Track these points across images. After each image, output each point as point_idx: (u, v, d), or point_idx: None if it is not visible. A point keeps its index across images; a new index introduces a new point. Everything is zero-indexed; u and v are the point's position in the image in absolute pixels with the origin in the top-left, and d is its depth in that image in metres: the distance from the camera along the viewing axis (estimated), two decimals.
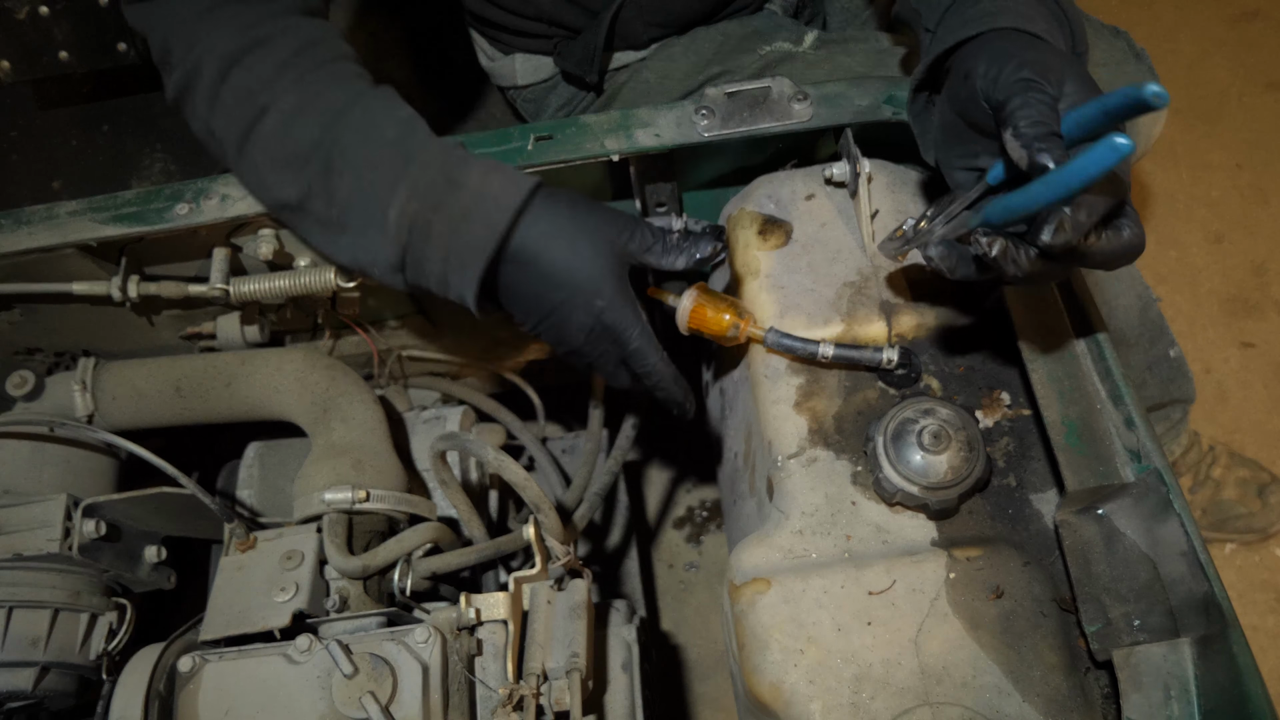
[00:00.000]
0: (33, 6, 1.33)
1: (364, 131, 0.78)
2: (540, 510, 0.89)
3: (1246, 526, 1.60)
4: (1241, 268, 1.92)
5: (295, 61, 0.80)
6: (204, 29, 0.80)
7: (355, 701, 0.75)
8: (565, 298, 0.77)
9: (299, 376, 1.01)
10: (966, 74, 0.70)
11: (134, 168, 1.66)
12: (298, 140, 0.78)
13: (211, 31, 0.80)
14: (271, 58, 0.80)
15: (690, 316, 0.86)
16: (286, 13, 0.82)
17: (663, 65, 1.22)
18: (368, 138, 0.78)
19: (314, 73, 0.80)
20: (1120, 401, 0.75)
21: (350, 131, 0.78)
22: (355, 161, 0.77)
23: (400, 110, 0.81)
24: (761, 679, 0.74)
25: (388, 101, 0.81)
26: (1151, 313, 1.21)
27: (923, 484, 0.77)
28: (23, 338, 1.12)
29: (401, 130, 0.79)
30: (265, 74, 0.79)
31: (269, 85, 0.79)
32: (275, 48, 0.80)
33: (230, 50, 0.79)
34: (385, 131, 0.78)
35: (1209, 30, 2.24)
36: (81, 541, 0.95)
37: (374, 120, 0.79)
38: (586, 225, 0.77)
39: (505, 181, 0.76)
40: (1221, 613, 0.64)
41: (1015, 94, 0.64)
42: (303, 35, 0.81)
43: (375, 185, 0.76)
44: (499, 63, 1.35)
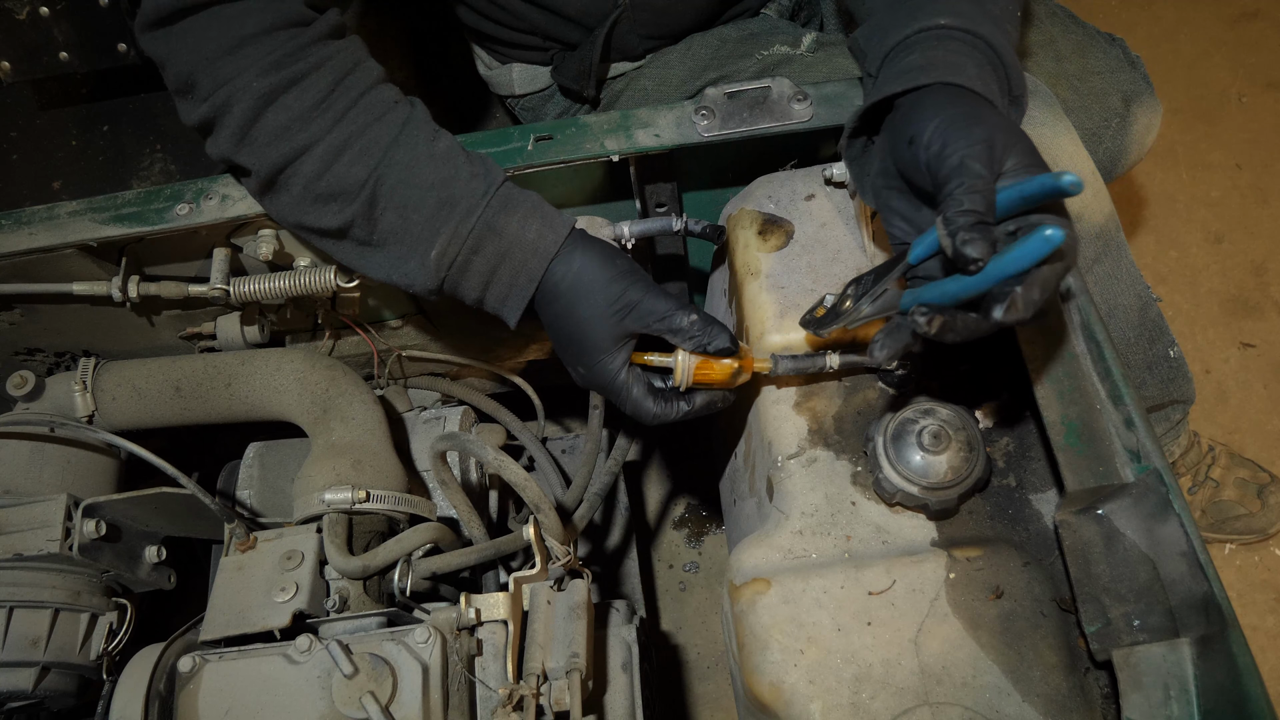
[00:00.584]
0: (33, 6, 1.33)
1: (406, 172, 0.81)
2: (540, 510, 0.89)
3: (1246, 527, 1.60)
4: (1241, 268, 1.92)
5: (330, 100, 0.80)
6: (233, 66, 0.79)
7: (355, 701, 0.75)
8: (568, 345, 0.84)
9: (299, 376, 1.01)
10: (911, 139, 0.71)
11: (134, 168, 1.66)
12: (341, 179, 0.81)
13: (242, 70, 0.79)
14: (307, 96, 0.80)
15: (694, 374, 0.81)
16: (315, 42, 0.81)
17: (660, 72, 1.22)
18: (409, 179, 0.81)
19: (351, 109, 0.81)
20: (1120, 402, 0.75)
21: (393, 171, 0.80)
22: (398, 202, 0.81)
23: (438, 143, 0.82)
24: (761, 679, 0.74)
25: (425, 134, 0.82)
26: (1151, 313, 1.20)
27: (923, 484, 0.77)
28: (23, 338, 1.12)
29: (441, 172, 0.81)
30: (301, 112, 0.80)
31: (306, 124, 0.80)
32: (309, 86, 0.80)
33: (264, 90, 0.79)
34: (426, 174, 0.81)
35: (1209, 30, 2.24)
36: (81, 541, 0.95)
37: (415, 160, 0.81)
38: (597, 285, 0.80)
39: (542, 228, 0.81)
40: (1221, 613, 0.64)
41: (953, 177, 0.65)
42: (335, 68, 0.81)
43: (418, 226, 0.81)
44: (496, 71, 1.36)
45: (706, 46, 1.19)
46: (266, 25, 0.78)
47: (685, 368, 0.80)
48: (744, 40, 1.18)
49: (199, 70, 0.80)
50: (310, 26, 0.81)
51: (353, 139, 0.80)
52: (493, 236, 0.81)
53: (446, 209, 0.80)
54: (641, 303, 0.79)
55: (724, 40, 1.19)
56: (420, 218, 0.81)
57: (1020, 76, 0.77)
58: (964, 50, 0.75)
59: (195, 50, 0.79)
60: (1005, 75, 0.77)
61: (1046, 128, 1.03)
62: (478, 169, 0.83)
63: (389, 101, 0.83)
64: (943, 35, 0.76)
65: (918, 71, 0.73)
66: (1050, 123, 1.03)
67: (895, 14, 0.81)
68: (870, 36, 0.84)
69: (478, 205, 0.81)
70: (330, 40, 0.82)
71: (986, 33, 0.76)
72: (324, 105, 0.80)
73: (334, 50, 0.82)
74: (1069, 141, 1.04)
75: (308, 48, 0.80)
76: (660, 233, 0.98)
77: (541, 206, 0.83)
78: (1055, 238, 0.58)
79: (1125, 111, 1.15)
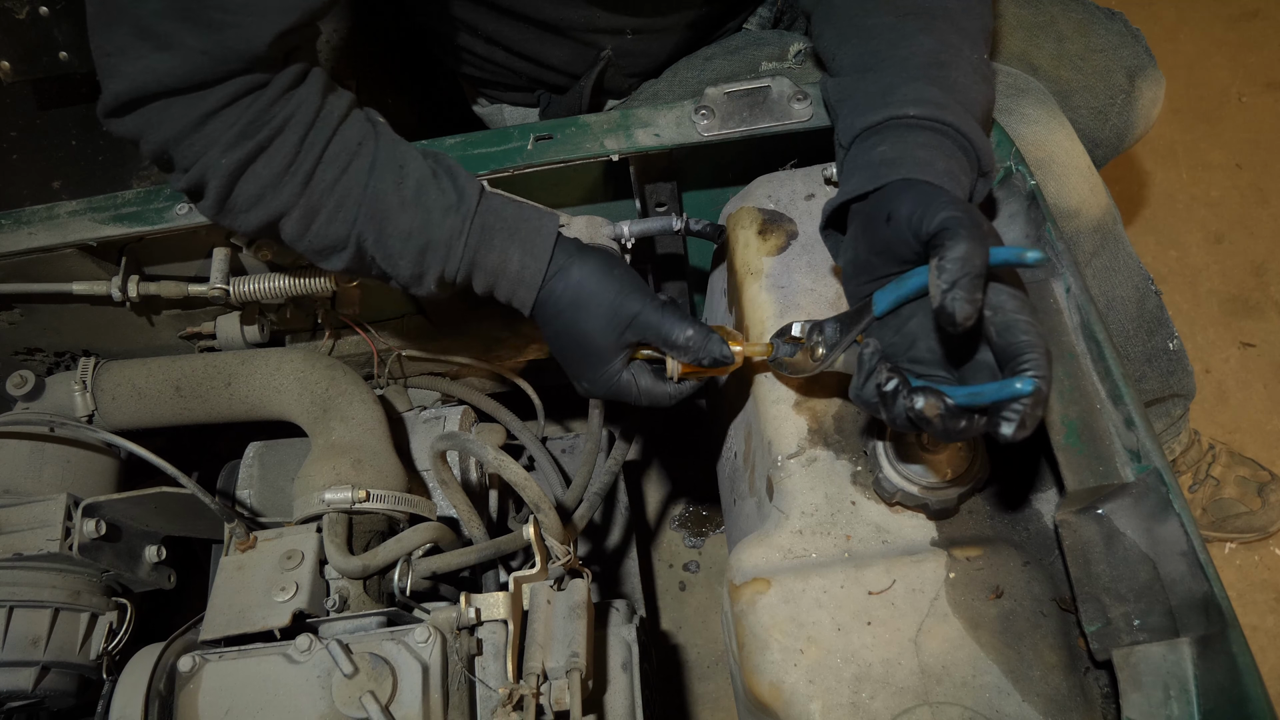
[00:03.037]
0: (33, 6, 1.33)
1: (381, 225, 0.81)
2: (540, 510, 0.89)
3: (1246, 525, 1.59)
4: (1241, 268, 1.92)
5: (297, 162, 0.79)
6: (201, 143, 0.78)
7: (355, 701, 0.75)
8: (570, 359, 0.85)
9: (299, 376, 1.01)
10: (888, 216, 0.72)
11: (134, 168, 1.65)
12: (324, 237, 0.82)
13: (209, 145, 0.78)
14: (275, 161, 0.79)
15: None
16: (276, 100, 0.78)
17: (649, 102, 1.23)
18: (386, 231, 0.81)
19: (318, 167, 0.80)
20: (1120, 401, 0.75)
21: (369, 226, 0.82)
22: (383, 252, 0.83)
23: (405, 185, 0.82)
24: (761, 679, 0.74)
25: (391, 177, 0.82)
26: (1149, 304, 1.20)
27: (923, 484, 0.77)
28: (23, 338, 1.12)
29: (415, 219, 0.81)
30: (271, 179, 0.79)
31: (278, 191, 0.80)
32: (275, 151, 0.79)
33: (232, 165, 0.78)
34: (400, 222, 0.81)
35: (1209, 30, 2.24)
36: (81, 541, 0.95)
37: (387, 210, 0.81)
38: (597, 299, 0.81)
39: (524, 257, 0.82)
40: (1221, 613, 0.64)
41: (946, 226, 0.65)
42: (298, 124, 0.79)
43: (407, 270, 0.83)
44: (488, 109, 1.38)
45: (692, 70, 1.19)
46: (226, 98, 0.76)
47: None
48: (730, 57, 1.18)
49: (169, 148, 0.79)
50: (270, 85, 0.78)
51: (324, 199, 0.81)
52: (479, 271, 0.83)
53: (428, 254, 0.82)
54: (640, 315, 0.80)
55: (709, 60, 1.19)
56: (407, 263, 0.82)
57: (990, 154, 0.78)
58: (933, 143, 0.76)
59: (162, 131, 0.78)
60: (976, 157, 0.78)
61: (1041, 125, 1.03)
62: (450, 200, 0.82)
63: (352, 147, 0.81)
64: (912, 125, 0.77)
65: (887, 167, 0.75)
66: (1045, 120, 1.03)
67: (866, 85, 0.82)
68: (842, 102, 0.85)
69: (457, 246, 0.82)
70: (292, 92, 0.79)
71: (954, 119, 0.77)
72: (292, 169, 0.79)
73: (296, 104, 0.79)
74: (1064, 138, 1.04)
75: (269, 109, 0.78)
76: (660, 232, 0.98)
77: (519, 229, 0.83)
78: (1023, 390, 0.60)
79: (1130, 87, 1.15)
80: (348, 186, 0.81)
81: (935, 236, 0.66)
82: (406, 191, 0.81)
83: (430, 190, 0.82)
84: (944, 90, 0.78)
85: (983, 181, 0.79)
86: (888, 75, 0.81)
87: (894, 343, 0.73)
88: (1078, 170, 1.04)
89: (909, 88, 0.78)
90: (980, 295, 0.62)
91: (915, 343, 0.72)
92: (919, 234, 0.68)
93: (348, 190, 0.81)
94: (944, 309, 0.62)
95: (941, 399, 0.63)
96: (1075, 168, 1.03)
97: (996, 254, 0.64)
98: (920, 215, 0.68)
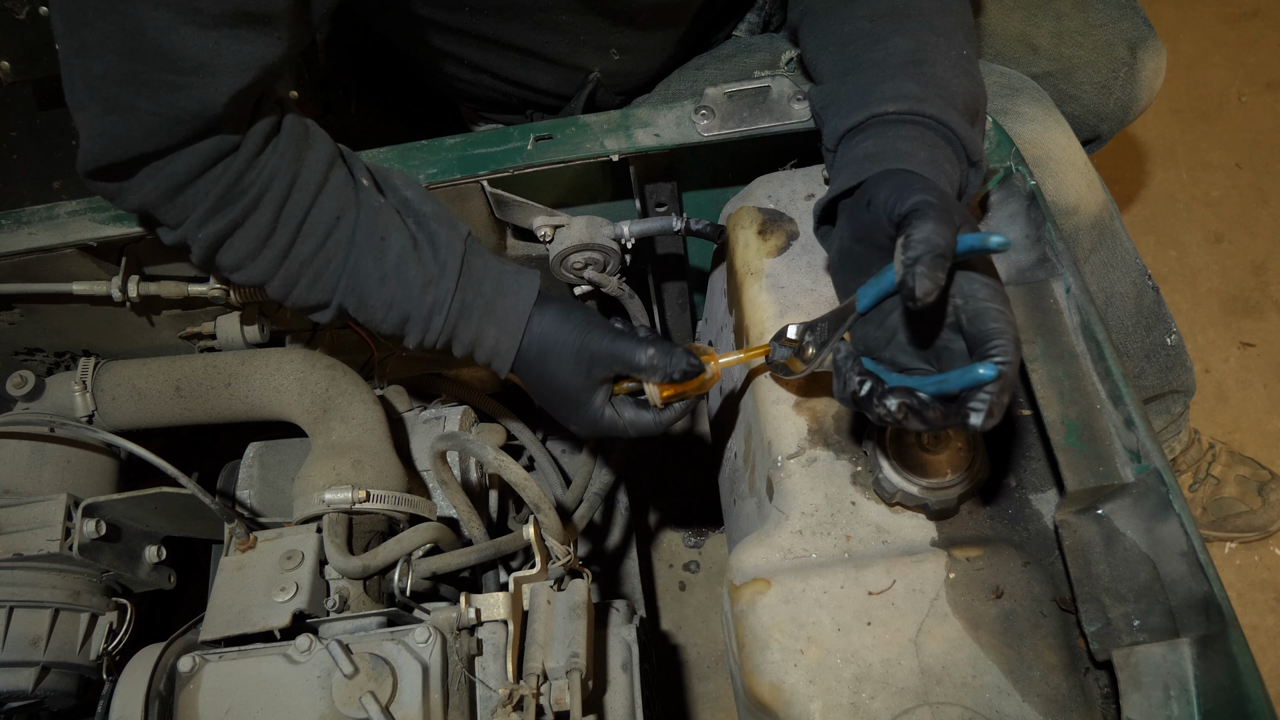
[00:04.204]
0: (33, 6, 1.33)
1: (361, 297, 0.83)
2: (540, 510, 0.89)
3: (1247, 524, 1.59)
4: (1241, 268, 1.92)
5: (274, 236, 0.79)
6: (177, 213, 0.78)
7: (355, 701, 0.75)
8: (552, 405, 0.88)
9: (299, 376, 1.01)
10: (869, 202, 0.73)
11: None
12: (306, 299, 0.84)
13: (185, 216, 0.78)
14: (250, 236, 0.79)
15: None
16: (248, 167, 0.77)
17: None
18: (366, 302, 0.83)
19: (296, 240, 0.80)
20: (1120, 401, 0.75)
21: (349, 298, 0.84)
22: (364, 318, 0.85)
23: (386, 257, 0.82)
24: (761, 679, 0.74)
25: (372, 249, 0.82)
26: (1147, 299, 1.20)
27: (923, 484, 0.77)
28: (23, 338, 1.12)
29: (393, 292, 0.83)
30: (249, 252, 0.80)
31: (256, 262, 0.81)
32: (250, 227, 0.78)
33: (209, 240, 0.79)
34: (379, 295, 0.83)
35: (1209, 30, 2.24)
36: (81, 541, 0.95)
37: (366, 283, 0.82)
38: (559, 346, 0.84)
39: (499, 334, 0.85)
40: (1221, 613, 0.64)
41: (915, 209, 0.67)
42: (273, 197, 0.78)
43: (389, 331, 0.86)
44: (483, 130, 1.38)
45: (683, 82, 1.19)
46: (196, 169, 0.74)
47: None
48: (721, 65, 1.18)
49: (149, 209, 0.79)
50: (240, 150, 0.76)
51: (303, 269, 0.82)
52: (457, 341, 0.86)
53: (408, 324, 0.84)
54: (601, 351, 0.81)
55: (700, 70, 1.19)
56: (389, 328, 0.85)
57: (976, 143, 0.79)
58: (914, 135, 0.77)
59: (136, 196, 0.77)
60: (961, 146, 0.78)
61: (1037, 123, 1.03)
62: (431, 273, 0.83)
63: (330, 220, 0.81)
64: (893, 120, 0.78)
65: (869, 161, 0.76)
66: (1041, 118, 1.03)
67: (846, 88, 0.83)
68: (825, 108, 0.86)
69: (436, 321, 0.84)
70: (263, 158, 0.78)
71: (934, 111, 0.77)
72: (269, 243, 0.80)
73: (270, 175, 0.78)
74: (1061, 135, 1.04)
75: (241, 178, 0.76)
76: (660, 232, 0.99)
77: (496, 305, 0.85)
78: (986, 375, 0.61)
79: (1132, 60, 1.15)
80: (326, 259, 0.82)
81: (904, 218, 0.67)
82: (387, 265, 0.82)
83: (410, 264, 0.83)
84: (922, 85, 0.78)
85: (974, 171, 0.79)
86: (865, 76, 0.82)
87: (877, 337, 0.74)
88: (1074, 167, 1.04)
89: (887, 85, 0.79)
90: (942, 275, 0.63)
91: (896, 335, 0.73)
92: (892, 217, 0.69)
93: (326, 262, 0.82)
94: (905, 283, 0.63)
95: (911, 395, 0.64)
96: (1072, 164, 1.04)
97: (964, 240, 0.65)
98: (895, 200, 0.69)
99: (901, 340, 0.73)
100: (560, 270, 1.01)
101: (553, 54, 1.10)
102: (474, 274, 0.85)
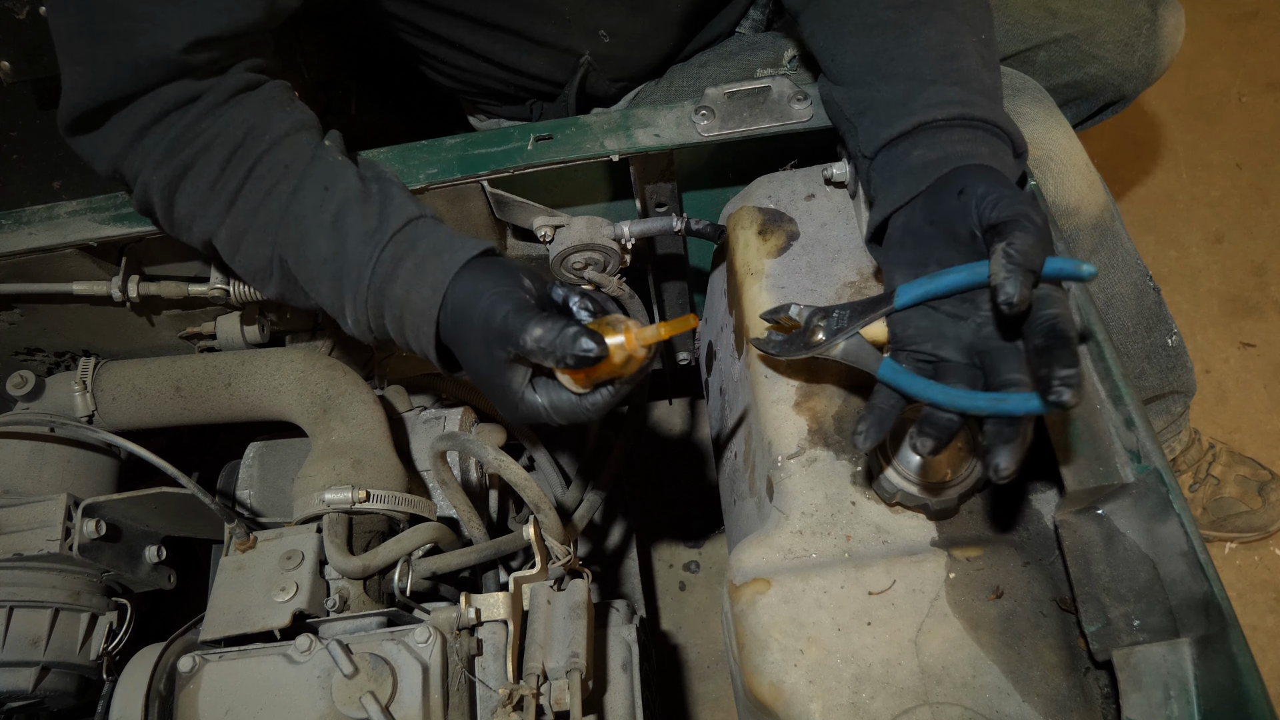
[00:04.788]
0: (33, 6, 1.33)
1: (299, 249, 0.80)
2: (540, 510, 0.89)
3: (1247, 524, 1.59)
4: (1241, 268, 1.92)
5: (222, 182, 0.80)
6: (137, 160, 0.80)
7: (355, 701, 0.75)
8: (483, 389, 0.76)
9: (299, 376, 1.01)
10: (961, 190, 0.72)
11: None
12: (251, 259, 0.82)
13: (144, 163, 0.80)
14: (201, 181, 0.80)
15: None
16: (204, 116, 0.78)
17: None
18: (305, 255, 0.80)
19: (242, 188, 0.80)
20: (1120, 401, 0.75)
21: (289, 251, 0.80)
22: (304, 277, 0.81)
23: (325, 209, 0.79)
24: (761, 679, 0.74)
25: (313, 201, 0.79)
26: (1148, 300, 1.20)
27: (923, 484, 0.77)
28: (23, 338, 1.12)
29: (331, 244, 0.78)
30: (199, 197, 0.80)
31: (206, 210, 0.81)
32: (200, 170, 0.79)
33: (163, 182, 0.80)
34: (318, 247, 0.78)
35: (1209, 30, 2.24)
36: (81, 541, 0.95)
37: (305, 234, 0.79)
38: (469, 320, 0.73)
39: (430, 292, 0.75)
40: (1221, 613, 0.64)
41: (1017, 218, 0.67)
42: (224, 144, 0.79)
43: (328, 298, 0.80)
44: (485, 124, 1.39)
45: (687, 79, 1.19)
46: (156, 113, 0.77)
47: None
48: (724, 63, 1.18)
49: (118, 165, 0.81)
50: (203, 98, 0.78)
51: (249, 219, 0.80)
52: (387, 305, 0.77)
53: (343, 282, 0.78)
54: (494, 327, 0.70)
55: (704, 66, 1.19)
56: (326, 291, 0.79)
57: (1020, 137, 0.79)
58: (968, 137, 0.77)
59: (107, 149, 0.80)
60: (1010, 142, 0.78)
61: (1039, 124, 1.03)
62: (370, 225, 0.77)
63: (279, 170, 0.80)
64: (942, 126, 0.77)
65: (932, 167, 0.75)
66: (1043, 119, 1.03)
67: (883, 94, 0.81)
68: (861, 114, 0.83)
69: (363, 280, 0.76)
70: (222, 108, 0.79)
71: (983, 112, 0.77)
72: (217, 188, 0.80)
73: (225, 122, 0.79)
74: (1062, 135, 1.04)
75: (196, 125, 0.78)
76: (660, 232, 0.98)
77: (425, 265, 0.75)
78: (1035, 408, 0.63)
79: (1153, 16, 1.16)
80: (271, 209, 0.80)
81: (1005, 224, 0.67)
82: (325, 215, 0.79)
83: (352, 214, 0.78)
84: (964, 88, 0.78)
85: (1018, 163, 0.80)
86: (902, 82, 0.80)
87: (924, 327, 0.73)
88: (1075, 168, 1.04)
89: (929, 92, 0.78)
90: (1030, 290, 0.64)
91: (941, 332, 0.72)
92: (986, 216, 0.69)
93: (271, 212, 0.80)
94: (1003, 289, 0.63)
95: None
96: (1073, 165, 1.04)
97: (1053, 263, 0.66)
98: (996, 199, 0.69)
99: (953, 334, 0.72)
100: (560, 270, 1.02)
101: (541, 35, 1.10)
102: (415, 233, 0.77)
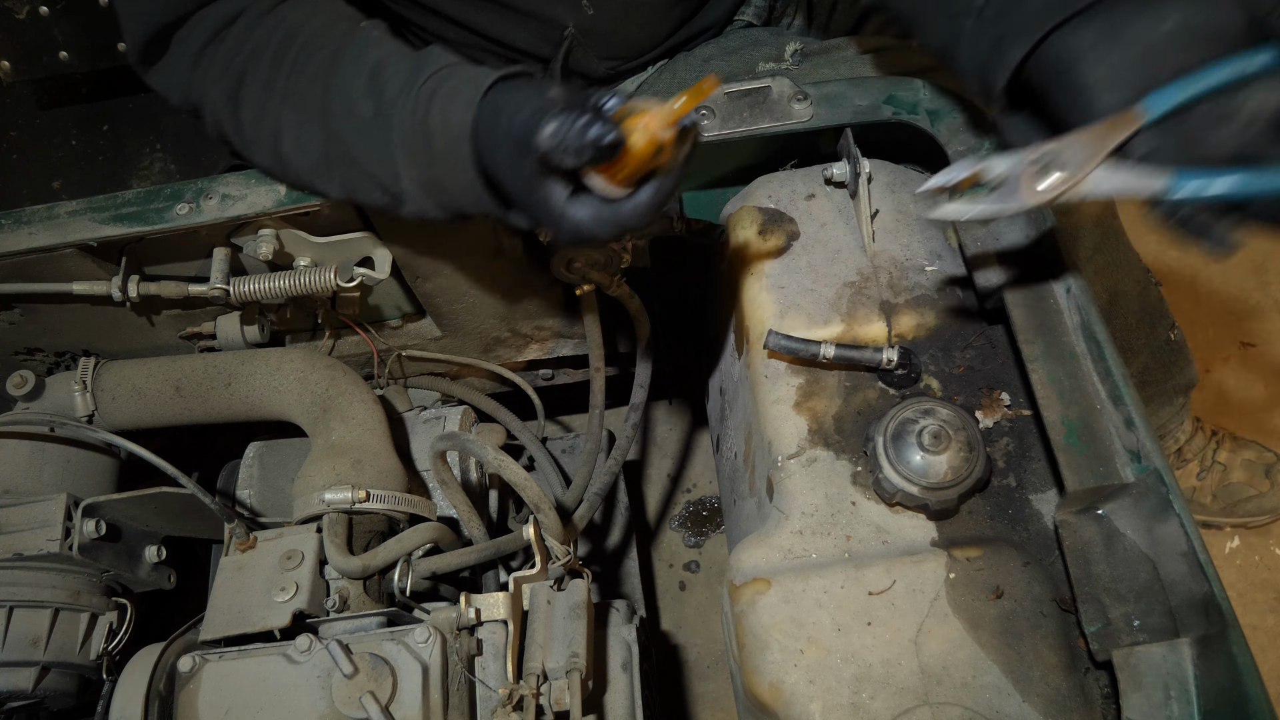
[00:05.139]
0: (33, 6, 1.33)
1: (346, 119, 0.81)
2: (540, 510, 0.89)
3: (1258, 508, 1.58)
4: (1241, 268, 1.92)
5: (273, 79, 0.84)
6: (201, 83, 0.86)
7: (355, 701, 0.75)
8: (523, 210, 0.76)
9: (299, 376, 1.01)
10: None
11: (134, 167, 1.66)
12: (311, 153, 0.84)
13: (208, 84, 0.86)
14: (255, 85, 0.84)
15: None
16: (259, 19, 0.84)
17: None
18: (350, 123, 0.81)
19: (292, 78, 0.83)
20: (1120, 401, 0.75)
21: (338, 123, 0.82)
22: (357, 151, 0.82)
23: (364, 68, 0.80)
24: (761, 679, 0.74)
25: (353, 63, 0.82)
26: (1150, 296, 1.20)
27: (923, 484, 0.77)
28: (23, 338, 1.12)
29: (371, 99, 0.79)
30: (258, 102, 0.85)
31: (264, 112, 0.85)
32: (254, 74, 0.84)
33: (224, 96, 0.85)
34: (363, 107, 0.80)
35: None
36: (81, 541, 0.95)
37: (350, 100, 0.81)
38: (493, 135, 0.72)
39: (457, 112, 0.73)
40: (1221, 613, 0.64)
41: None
42: (274, 42, 0.84)
43: (383, 168, 0.80)
44: None
45: (689, 70, 1.18)
46: (209, 33, 0.83)
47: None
48: (727, 58, 1.17)
49: (188, 94, 0.86)
50: (246, 12, 0.84)
51: (301, 110, 0.83)
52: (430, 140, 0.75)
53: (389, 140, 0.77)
54: (519, 134, 0.67)
55: (707, 61, 1.18)
56: (377, 156, 0.79)
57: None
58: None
59: (176, 77, 0.86)
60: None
61: None
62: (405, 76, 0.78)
63: (322, 55, 0.83)
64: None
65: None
66: None
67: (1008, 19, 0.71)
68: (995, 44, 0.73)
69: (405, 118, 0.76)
70: (268, 16, 0.85)
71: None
72: (269, 89, 0.84)
73: (271, 26, 0.84)
74: None
75: (245, 35, 0.84)
76: (661, 233, 0.98)
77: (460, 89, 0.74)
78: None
79: None
80: (315, 92, 0.83)
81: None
82: (362, 80, 0.80)
83: (388, 68, 0.79)
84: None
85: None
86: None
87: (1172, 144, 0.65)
88: None
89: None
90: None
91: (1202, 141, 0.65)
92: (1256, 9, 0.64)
93: (316, 96, 0.83)
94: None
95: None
96: None
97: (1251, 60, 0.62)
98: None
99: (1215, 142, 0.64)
100: (561, 270, 1.02)
101: (524, 4, 1.11)
102: (450, 71, 0.77)
